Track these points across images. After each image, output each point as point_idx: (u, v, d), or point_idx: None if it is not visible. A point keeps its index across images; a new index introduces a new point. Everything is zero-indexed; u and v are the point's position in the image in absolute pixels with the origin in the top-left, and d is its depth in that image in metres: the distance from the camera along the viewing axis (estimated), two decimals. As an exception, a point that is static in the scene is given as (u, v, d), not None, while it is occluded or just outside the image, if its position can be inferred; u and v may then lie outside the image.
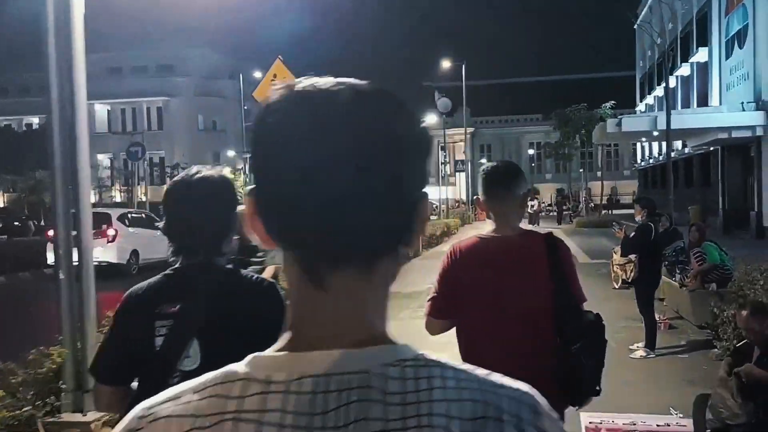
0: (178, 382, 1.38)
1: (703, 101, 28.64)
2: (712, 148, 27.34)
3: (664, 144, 38.33)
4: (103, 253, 15.68)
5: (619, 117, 26.62)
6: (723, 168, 26.70)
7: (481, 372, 0.72)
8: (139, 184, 55.66)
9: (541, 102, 67.40)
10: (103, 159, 64.90)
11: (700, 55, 28.98)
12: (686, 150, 32.21)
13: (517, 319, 2.36)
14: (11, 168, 48.65)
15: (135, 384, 1.86)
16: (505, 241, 2.45)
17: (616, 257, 10.74)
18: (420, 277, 10.25)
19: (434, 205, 36.76)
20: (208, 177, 1.89)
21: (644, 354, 7.74)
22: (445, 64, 42.46)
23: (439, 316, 2.53)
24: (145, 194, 56.38)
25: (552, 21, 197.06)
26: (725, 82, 26.44)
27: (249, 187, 0.74)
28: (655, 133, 24.11)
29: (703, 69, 29.23)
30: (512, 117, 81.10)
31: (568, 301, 2.39)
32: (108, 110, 69.81)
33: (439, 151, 39.01)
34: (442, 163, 38.43)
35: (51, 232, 5.00)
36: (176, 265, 1.89)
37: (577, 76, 79.72)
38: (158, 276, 1.90)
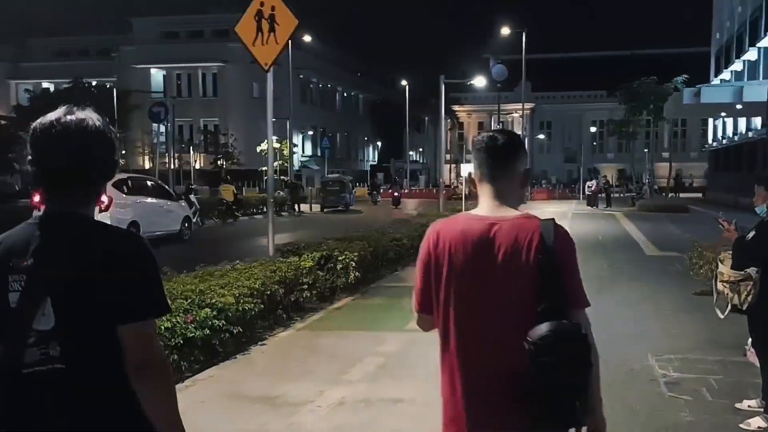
0: (35, 342, 1.66)
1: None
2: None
3: (742, 121, 35.86)
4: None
5: (698, 87, 23.98)
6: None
7: None
8: (193, 151, 55.50)
9: (606, 78, 64.65)
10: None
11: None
12: (765, 130, 29.29)
13: (500, 319, 2.05)
14: None
15: None
16: (493, 225, 2.09)
17: (725, 269, 5.81)
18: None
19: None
20: (80, 119, 1.77)
21: (764, 424, 4.80)
22: (504, 31, 40.22)
23: (425, 310, 2.22)
24: (196, 162, 56.26)
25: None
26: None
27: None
28: (739, 107, 21.49)
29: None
30: (575, 93, 78.61)
31: (550, 300, 1.98)
32: (164, 75, 69.80)
33: (494, 126, 37.14)
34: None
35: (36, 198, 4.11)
36: (38, 214, 1.79)
37: (644, 51, 76.54)
38: (19, 225, 1.80)
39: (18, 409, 1.66)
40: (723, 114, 29.74)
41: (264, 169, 50.84)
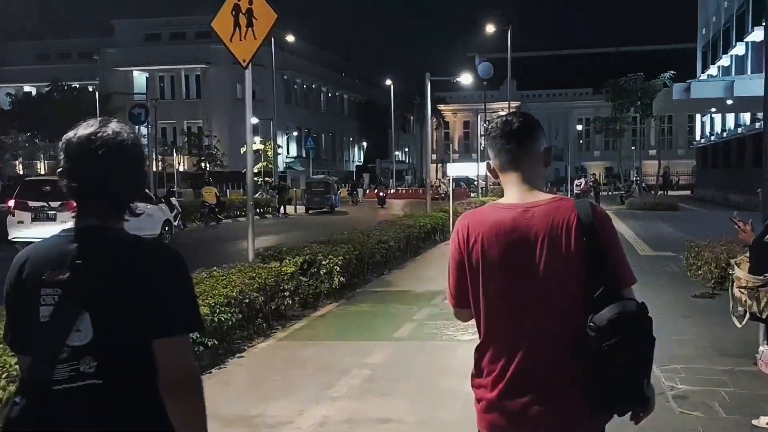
0: (66, 358, 1.63)
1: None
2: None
3: (730, 117, 35.64)
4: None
5: (688, 82, 23.68)
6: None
7: None
8: (176, 153, 54.98)
9: (592, 75, 64.62)
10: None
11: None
12: (757, 125, 29.06)
13: (541, 311, 1.96)
14: None
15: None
16: (526, 212, 1.99)
17: (742, 274, 5.34)
18: (444, 270, 7.97)
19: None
20: (116, 132, 1.76)
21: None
22: (489, 29, 39.88)
23: (461, 305, 2.13)
24: (180, 164, 55.66)
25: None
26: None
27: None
28: (729, 102, 21.16)
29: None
30: (560, 91, 78.73)
31: (606, 284, 1.89)
32: (146, 77, 69.66)
33: (479, 125, 36.88)
34: (482, 135, 35.99)
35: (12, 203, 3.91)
36: (70, 227, 1.77)
37: (629, 48, 76.40)
38: (50, 237, 1.77)
39: (48, 427, 1.64)
40: (713, 110, 29.43)
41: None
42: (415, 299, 9.52)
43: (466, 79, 25.91)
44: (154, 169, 48.80)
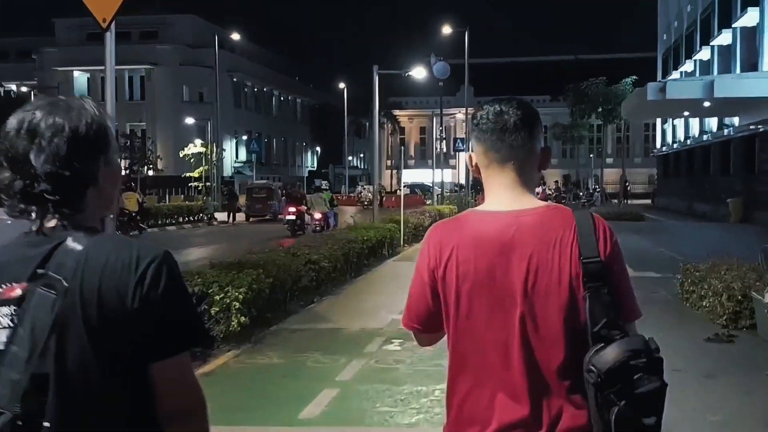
0: (24, 394, 1.25)
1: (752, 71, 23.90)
2: (762, 129, 22.61)
3: (695, 124, 34.36)
4: None
5: (663, 81, 21.92)
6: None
7: None
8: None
9: (549, 82, 64.04)
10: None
11: (748, 18, 24.24)
12: (725, 132, 27.63)
13: (529, 345, 1.65)
14: None
15: None
16: (514, 221, 1.68)
17: None
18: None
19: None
20: (67, 106, 1.40)
21: None
22: (446, 31, 38.07)
23: (425, 328, 1.79)
24: (128, 169, 52.97)
25: None
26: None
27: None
28: (706, 104, 19.38)
29: (751, 34, 24.53)
30: (518, 97, 77.77)
31: (608, 317, 1.61)
32: (88, 78, 68.01)
33: (435, 127, 34.90)
34: (437, 140, 34.08)
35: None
36: (28, 230, 1.40)
37: (587, 56, 75.76)
38: (5, 243, 1.43)
39: None
40: (686, 113, 27.78)
41: (188, 175, 47.90)
42: (345, 344, 7.15)
43: (418, 73, 23.86)
44: None
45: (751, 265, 8.39)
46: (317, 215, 21.31)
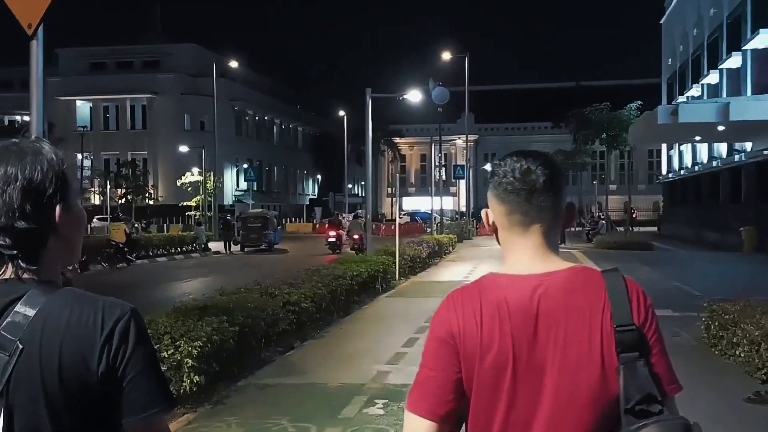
0: None
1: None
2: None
3: (703, 150, 33.42)
4: None
5: (675, 103, 21.01)
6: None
7: None
8: (110, 185, 51.63)
9: (551, 109, 63.69)
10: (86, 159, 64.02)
11: (759, 40, 23.46)
12: (736, 157, 26.69)
13: (556, 422, 1.51)
14: None
15: None
16: (539, 286, 1.54)
17: None
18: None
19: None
20: (19, 151, 1.34)
21: None
22: (446, 57, 37.46)
23: (432, 415, 1.54)
24: (123, 198, 52.34)
25: (562, 24, 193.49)
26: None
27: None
28: (721, 128, 18.42)
29: (762, 56, 23.72)
30: (519, 125, 78.21)
31: (643, 393, 1.48)
32: (90, 107, 68.56)
33: (434, 154, 33.98)
34: (436, 167, 33.24)
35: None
36: None
37: (589, 82, 75.42)
38: None
39: None
40: (697, 138, 26.82)
41: (186, 203, 47.13)
42: (319, 406, 6.11)
43: (414, 96, 22.98)
44: (97, 203, 45.91)
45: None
46: (356, 236, 25.30)
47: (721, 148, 29.16)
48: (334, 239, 27.92)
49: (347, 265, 12.43)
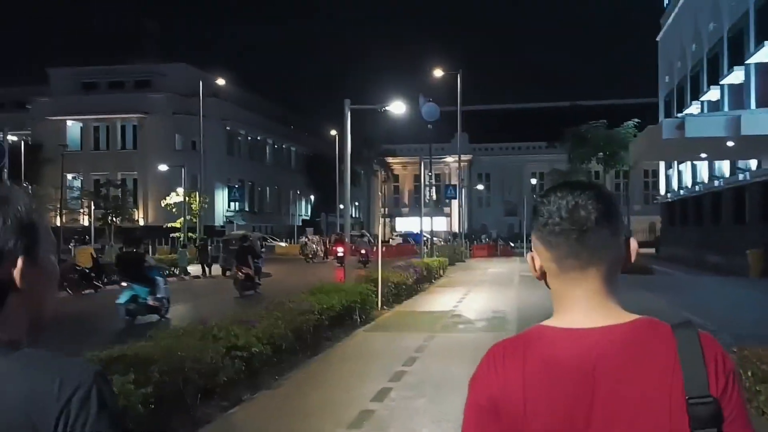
0: None
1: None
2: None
3: (703, 168, 32.44)
4: None
5: (681, 116, 19.90)
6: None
7: None
8: (95, 207, 50.45)
9: (546, 129, 63.20)
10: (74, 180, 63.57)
11: (763, 53, 22.46)
12: (740, 177, 25.57)
13: None
14: None
15: None
16: (597, 343, 1.37)
17: None
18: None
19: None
20: None
21: None
22: (438, 73, 36.49)
23: None
24: (114, 219, 51.14)
25: (556, 44, 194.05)
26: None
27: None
28: (730, 143, 17.26)
29: (766, 70, 22.70)
30: (513, 145, 77.63)
31: None
32: (81, 127, 67.97)
33: (423, 173, 32.77)
34: (426, 186, 32.14)
35: None
36: None
37: (584, 102, 74.82)
38: None
39: None
40: (703, 155, 25.71)
41: (170, 225, 45.90)
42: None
43: (396, 108, 21.89)
44: (60, 223, 44.84)
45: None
46: (362, 251, 30.80)
47: (723, 167, 28.11)
48: (342, 255, 28.94)
49: (317, 297, 11.13)
